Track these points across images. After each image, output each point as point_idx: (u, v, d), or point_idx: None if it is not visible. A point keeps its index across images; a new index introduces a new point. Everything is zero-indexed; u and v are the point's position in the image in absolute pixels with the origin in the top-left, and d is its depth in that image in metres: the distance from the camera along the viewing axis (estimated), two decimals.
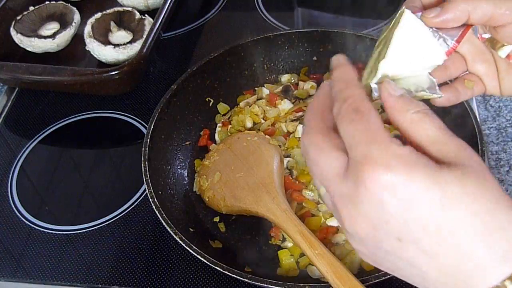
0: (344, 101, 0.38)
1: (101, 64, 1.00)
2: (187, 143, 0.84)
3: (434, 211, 0.34)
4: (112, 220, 0.80)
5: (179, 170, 0.81)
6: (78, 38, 1.07)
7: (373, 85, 0.43)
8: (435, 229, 0.34)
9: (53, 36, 1.03)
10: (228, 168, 0.76)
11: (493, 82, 0.51)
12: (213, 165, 0.78)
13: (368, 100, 0.38)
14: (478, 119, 0.72)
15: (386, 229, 0.35)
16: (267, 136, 0.80)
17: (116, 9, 1.05)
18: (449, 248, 0.34)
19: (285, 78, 0.90)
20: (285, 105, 0.86)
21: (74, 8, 1.09)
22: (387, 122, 0.42)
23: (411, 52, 0.43)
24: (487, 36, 0.49)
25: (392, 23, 0.45)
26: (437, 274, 0.35)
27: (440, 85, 0.47)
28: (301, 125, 0.82)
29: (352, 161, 0.36)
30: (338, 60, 0.42)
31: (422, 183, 0.34)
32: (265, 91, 0.89)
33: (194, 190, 0.79)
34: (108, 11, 1.04)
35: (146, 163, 0.73)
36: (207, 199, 0.76)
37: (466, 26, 0.45)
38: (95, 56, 0.99)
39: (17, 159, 0.91)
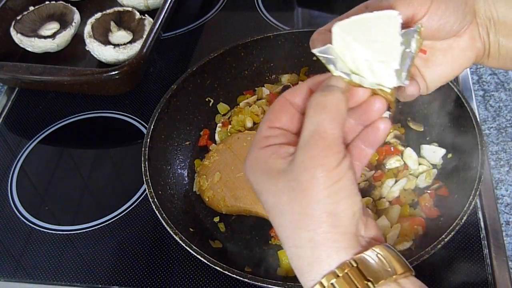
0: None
1: (101, 64, 1.00)
2: (187, 143, 0.84)
3: (266, 209, 0.42)
4: (112, 220, 0.80)
5: (179, 170, 0.81)
6: (78, 38, 1.07)
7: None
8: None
9: (53, 36, 1.03)
10: (228, 168, 0.76)
11: (420, 81, 0.51)
12: (213, 165, 0.78)
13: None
14: (478, 119, 0.72)
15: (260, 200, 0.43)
16: None
17: (116, 9, 1.05)
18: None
19: (285, 78, 0.90)
20: None
21: (74, 8, 1.09)
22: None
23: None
24: None
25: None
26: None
27: None
28: None
29: None
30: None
31: (262, 185, 0.42)
32: (265, 91, 0.89)
33: (194, 190, 0.79)
34: (108, 11, 1.04)
35: (146, 163, 0.73)
36: (207, 199, 0.76)
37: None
38: (95, 56, 0.99)
39: (17, 159, 0.91)
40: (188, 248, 0.64)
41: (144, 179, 0.72)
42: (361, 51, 0.42)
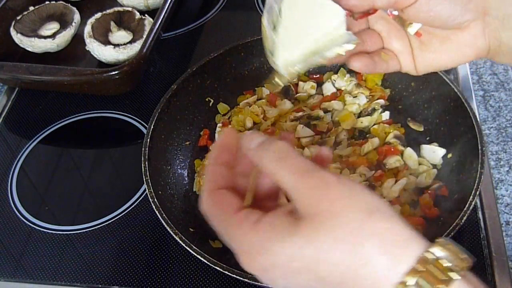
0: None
1: (101, 64, 1.00)
2: (187, 143, 0.84)
3: (303, 276, 0.37)
4: (112, 220, 0.80)
5: (179, 170, 0.81)
6: (78, 38, 1.07)
7: (278, 63, 0.45)
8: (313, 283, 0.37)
9: (53, 36, 1.03)
10: None
11: (408, 59, 0.52)
12: None
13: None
14: (478, 119, 0.72)
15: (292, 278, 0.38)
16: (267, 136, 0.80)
17: (116, 9, 1.05)
18: None
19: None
20: (285, 105, 0.86)
21: (74, 8, 1.09)
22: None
23: (305, 18, 0.44)
24: (396, 13, 0.50)
25: None
26: None
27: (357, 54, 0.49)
28: (301, 125, 0.82)
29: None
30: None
31: (281, 259, 0.37)
32: (265, 91, 0.89)
33: (194, 190, 0.79)
34: (108, 11, 1.04)
35: (146, 163, 0.73)
36: None
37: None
38: (95, 56, 0.99)
39: (17, 159, 0.91)
40: (188, 248, 0.64)
41: (144, 179, 0.72)
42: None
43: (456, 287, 0.35)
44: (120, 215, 0.80)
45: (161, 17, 0.97)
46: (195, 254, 0.63)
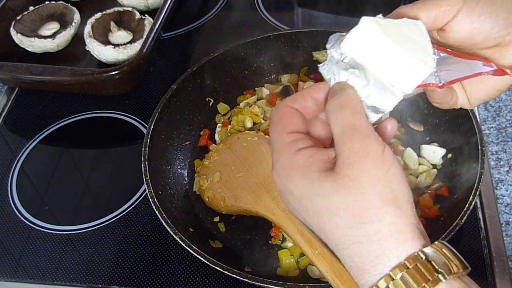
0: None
1: (101, 64, 1.00)
2: (187, 143, 0.84)
3: (309, 215, 0.40)
4: (112, 220, 0.80)
5: (179, 170, 0.81)
6: (78, 38, 1.07)
7: (330, 50, 0.44)
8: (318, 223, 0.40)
9: (53, 36, 1.03)
10: (228, 168, 0.76)
11: (461, 94, 0.51)
12: (213, 165, 0.78)
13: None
14: (478, 119, 0.72)
15: (297, 209, 0.42)
16: (267, 136, 0.80)
17: (116, 9, 1.05)
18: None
19: (285, 78, 0.90)
20: None
21: (74, 8, 1.09)
22: None
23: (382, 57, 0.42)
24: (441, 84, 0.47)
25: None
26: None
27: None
28: None
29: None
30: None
31: (304, 190, 0.40)
32: (265, 91, 0.89)
33: (194, 190, 0.79)
34: (108, 11, 1.04)
35: (146, 163, 0.73)
36: (207, 199, 0.76)
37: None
38: (95, 56, 0.99)
39: (17, 159, 0.91)
40: (188, 248, 0.64)
41: (144, 179, 0.72)
42: (391, 44, 0.41)
43: None
44: (120, 215, 0.80)
45: (161, 17, 0.97)
46: (195, 254, 0.63)
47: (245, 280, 0.61)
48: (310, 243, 0.61)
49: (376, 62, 0.42)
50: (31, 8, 1.08)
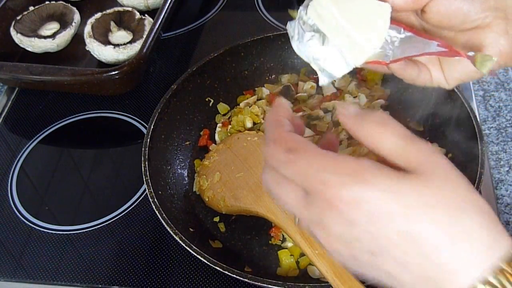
0: (275, 144, 0.39)
1: (101, 64, 1.00)
2: (187, 143, 0.84)
3: (395, 223, 0.35)
4: (112, 220, 0.80)
5: (179, 170, 0.81)
6: (78, 38, 1.07)
7: (301, 8, 0.45)
8: (400, 240, 0.35)
9: (53, 36, 1.03)
10: (228, 168, 0.76)
11: (437, 72, 0.51)
12: (213, 165, 0.78)
13: (295, 135, 0.40)
14: (478, 119, 0.72)
15: (358, 245, 0.36)
16: None
17: (116, 9, 1.05)
18: (416, 257, 0.35)
19: (285, 78, 0.90)
20: None
21: (74, 8, 1.09)
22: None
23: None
24: (471, 54, 0.47)
25: None
26: (412, 280, 0.36)
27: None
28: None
29: (310, 191, 0.37)
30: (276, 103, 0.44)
31: (380, 196, 0.35)
32: (265, 91, 0.89)
33: (194, 190, 0.79)
34: (108, 11, 1.04)
35: (146, 163, 0.73)
36: (207, 199, 0.76)
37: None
38: (95, 56, 0.99)
39: (17, 159, 0.91)
40: (188, 248, 0.64)
41: (144, 179, 0.72)
42: (339, 19, 0.43)
43: None
44: (120, 215, 0.80)
45: (161, 17, 0.97)
46: (195, 254, 0.63)
47: (245, 280, 0.61)
48: (310, 243, 0.61)
49: (331, 32, 0.44)
50: (31, 8, 1.08)
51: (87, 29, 1.00)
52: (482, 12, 0.46)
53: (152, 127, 0.77)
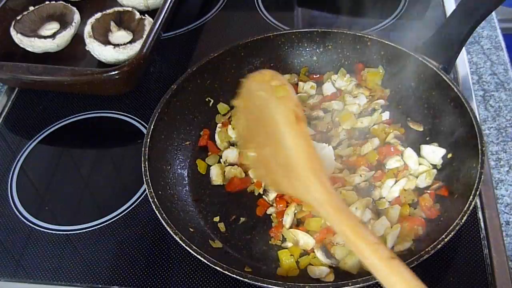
0: None
1: (101, 64, 1.00)
2: (187, 143, 0.84)
3: None
4: (112, 220, 0.80)
5: (179, 170, 0.81)
6: (78, 38, 1.07)
7: None
8: None
9: (53, 36, 1.03)
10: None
11: None
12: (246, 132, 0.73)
13: None
14: (478, 119, 0.72)
15: None
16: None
17: (116, 9, 1.05)
18: None
19: (285, 78, 0.90)
20: None
21: (74, 8, 1.09)
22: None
23: None
24: None
25: None
26: None
27: None
28: None
29: None
30: None
31: None
32: None
33: (194, 190, 0.79)
34: (108, 11, 1.04)
35: (146, 163, 0.73)
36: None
37: None
38: (95, 56, 0.99)
39: (17, 159, 0.91)
40: (188, 248, 0.64)
41: (144, 179, 0.72)
42: None
43: None
44: (120, 215, 0.80)
45: (161, 17, 0.97)
46: (195, 254, 0.63)
47: (245, 280, 0.61)
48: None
49: None
50: (31, 8, 1.08)
51: (87, 29, 1.00)
52: None
53: (152, 127, 0.77)
